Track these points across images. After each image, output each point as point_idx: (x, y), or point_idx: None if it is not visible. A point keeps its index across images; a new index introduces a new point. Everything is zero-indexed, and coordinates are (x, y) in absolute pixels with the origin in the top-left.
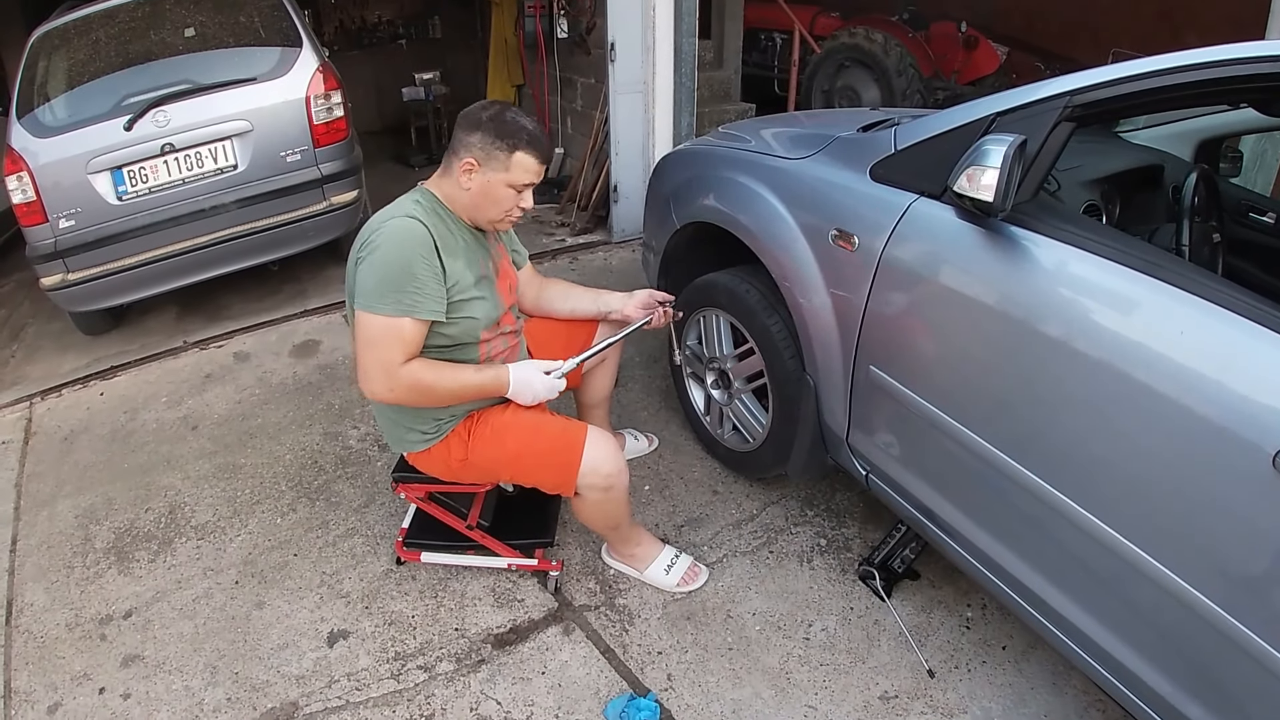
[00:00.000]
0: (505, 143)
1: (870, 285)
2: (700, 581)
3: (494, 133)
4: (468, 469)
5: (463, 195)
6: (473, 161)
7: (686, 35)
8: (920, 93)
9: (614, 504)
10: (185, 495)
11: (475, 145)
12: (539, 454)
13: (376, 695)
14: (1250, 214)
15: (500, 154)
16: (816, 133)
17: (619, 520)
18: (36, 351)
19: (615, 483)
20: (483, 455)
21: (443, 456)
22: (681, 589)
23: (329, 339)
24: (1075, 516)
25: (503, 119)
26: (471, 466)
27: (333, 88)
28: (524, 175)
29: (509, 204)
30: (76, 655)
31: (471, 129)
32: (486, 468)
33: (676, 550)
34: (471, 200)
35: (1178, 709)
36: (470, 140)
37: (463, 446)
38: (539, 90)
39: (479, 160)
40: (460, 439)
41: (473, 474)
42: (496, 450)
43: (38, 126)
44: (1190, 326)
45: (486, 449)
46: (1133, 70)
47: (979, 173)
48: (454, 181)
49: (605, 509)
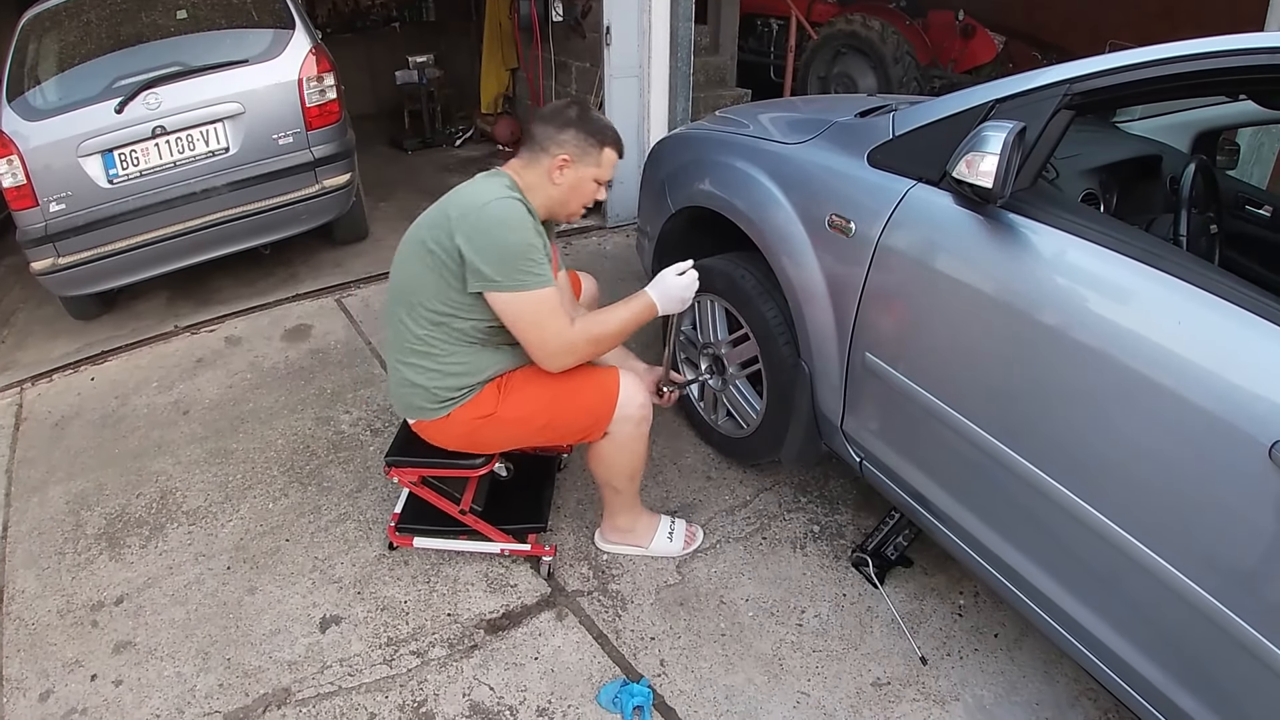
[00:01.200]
0: (595, 139)
1: (866, 271)
2: (699, 540)
3: (585, 130)
4: (490, 426)
5: (551, 189)
6: (567, 158)
7: (683, 19)
8: (917, 80)
9: (642, 442)
10: (176, 481)
11: (569, 142)
12: (574, 395)
13: (369, 681)
14: (1246, 207)
15: (593, 150)
16: (814, 118)
17: (638, 466)
18: (27, 337)
19: (648, 415)
20: (515, 406)
21: (468, 416)
22: (686, 552)
23: (321, 323)
24: (1069, 505)
25: (589, 117)
26: (497, 421)
27: (326, 70)
28: (609, 170)
29: (590, 196)
30: (68, 642)
31: (563, 127)
32: (516, 419)
33: (670, 517)
34: (562, 195)
35: (1169, 698)
36: (563, 138)
37: (493, 400)
38: (533, 74)
39: (573, 156)
40: (490, 395)
41: (493, 432)
42: (530, 398)
43: (28, 110)
44: (1188, 317)
45: (519, 399)
46: (1132, 59)
47: (978, 159)
48: (543, 175)
49: (633, 448)
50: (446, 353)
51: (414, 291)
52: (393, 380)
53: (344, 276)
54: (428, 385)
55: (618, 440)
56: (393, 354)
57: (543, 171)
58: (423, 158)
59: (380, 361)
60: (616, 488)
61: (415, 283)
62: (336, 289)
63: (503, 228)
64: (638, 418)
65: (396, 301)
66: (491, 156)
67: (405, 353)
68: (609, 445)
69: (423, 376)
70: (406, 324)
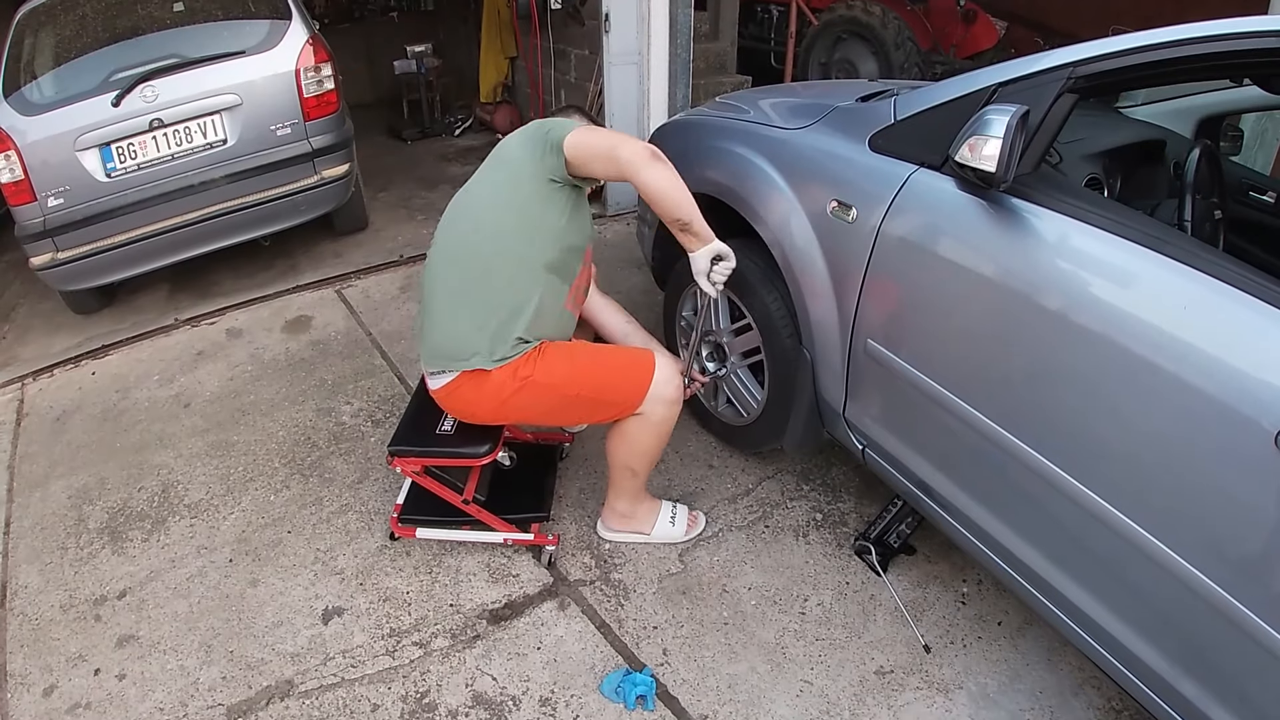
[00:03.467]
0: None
1: (869, 257)
2: (701, 525)
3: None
4: (526, 391)
5: None
6: None
7: (682, 6)
8: (918, 66)
9: (670, 425)
10: (178, 474)
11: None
12: (611, 368)
13: (372, 672)
14: (1250, 192)
15: None
16: (815, 103)
17: (659, 449)
18: (28, 332)
19: (680, 399)
20: (552, 371)
21: (506, 376)
22: (690, 537)
23: (321, 314)
24: (1073, 492)
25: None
26: (532, 386)
27: (323, 60)
28: None
29: None
30: (71, 636)
31: (570, 115)
32: (551, 385)
33: (672, 503)
34: None
35: (1172, 685)
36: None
37: (530, 364)
38: (532, 62)
39: None
40: (530, 359)
41: (527, 398)
42: (567, 366)
43: (24, 104)
44: (1192, 302)
45: (557, 365)
46: (1136, 42)
47: (981, 143)
48: None
49: (661, 430)
50: (513, 291)
51: (493, 224)
52: (441, 331)
53: (344, 267)
54: (487, 330)
55: (649, 419)
56: (449, 303)
57: None
58: (422, 147)
59: (381, 351)
60: (634, 469)
61: (495, 215)
62: (336, 280)
63: (558, 122)
64: (672, 398)
65: (464, 245)
66: (491, 145)
67: (468, 297)
68: (638, 425)
69: (484, 321)
70: (477, 266)
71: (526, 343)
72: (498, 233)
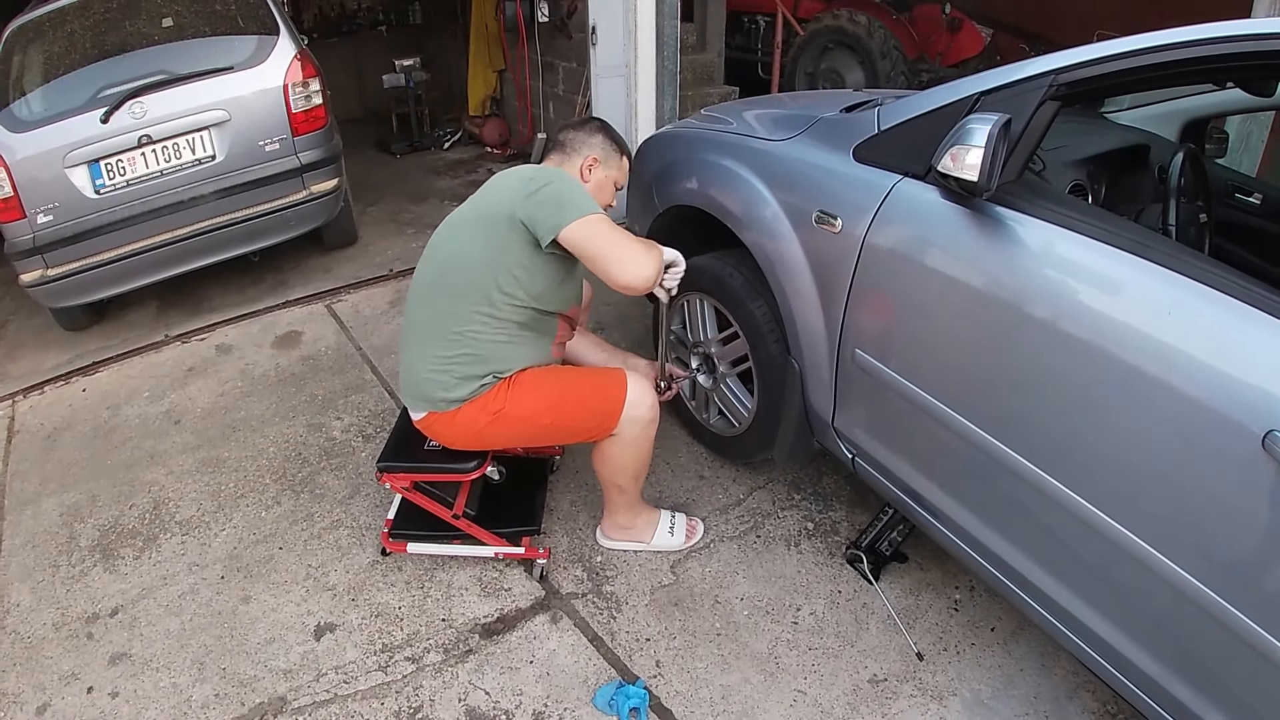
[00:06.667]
0: (617, 147)
1: (854, 267)
2: (700, 533)
3: (610, 137)
4: (499, 423)
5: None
6: (596, 158)
7: (669, 18)
8: (905, 75)
9: (648, 443)
10: (169, 490)
11: (598, 145)
12: (582, 393)
13: (365, 688)
14: (1236, 195)
15: (614, 155)
16: (799, 114)
17: (644, 466)
18: (18, 349)
19: (656, 417)
20: (522, 404)
21: (476, 411)
22: (689, 545)
23: (311, 329)
24: (1062, 499)
25: (612, 130)
26: (505, 419)
27: (311, 75)
28: (625, 177)
29: (609, 199)
30: (64, 655)
31: (593, 133)
32: (523, 416)
33: (670, 512)
34: (590, 191)
35: (1166, 689)
36: (593, 141)
37: (501, 397)
38: (520, 75)
39: (601, 158)
40: (500, 391)
41: (501, 428)
42: (538, 396)
43: (13, 121)
44: (1178, 307)
45: (527, 396)
46: (1117, 49)
47: (963, 152)
48: (574, 173)
49: (640, 448)
50: (482, 340)
51: (466, 272)
52: (412, 370)
53: (333, 282)
54: (453, 374)
55: (625, 440)
56: (418, 344)
57: (574, 169)
58: (411, 161)
59: (371, 366)
60: (621, 486)
61: (468, 264)
62: (326, 295)
63: (562, 179)
64: (647, 419)
65: (435, 290)
66: (480, 159)
67: (437, 340)
68: (616, 445)
69: (450, 365)
70: (447, 309)
71: (498, 376)
72: (471, 284)
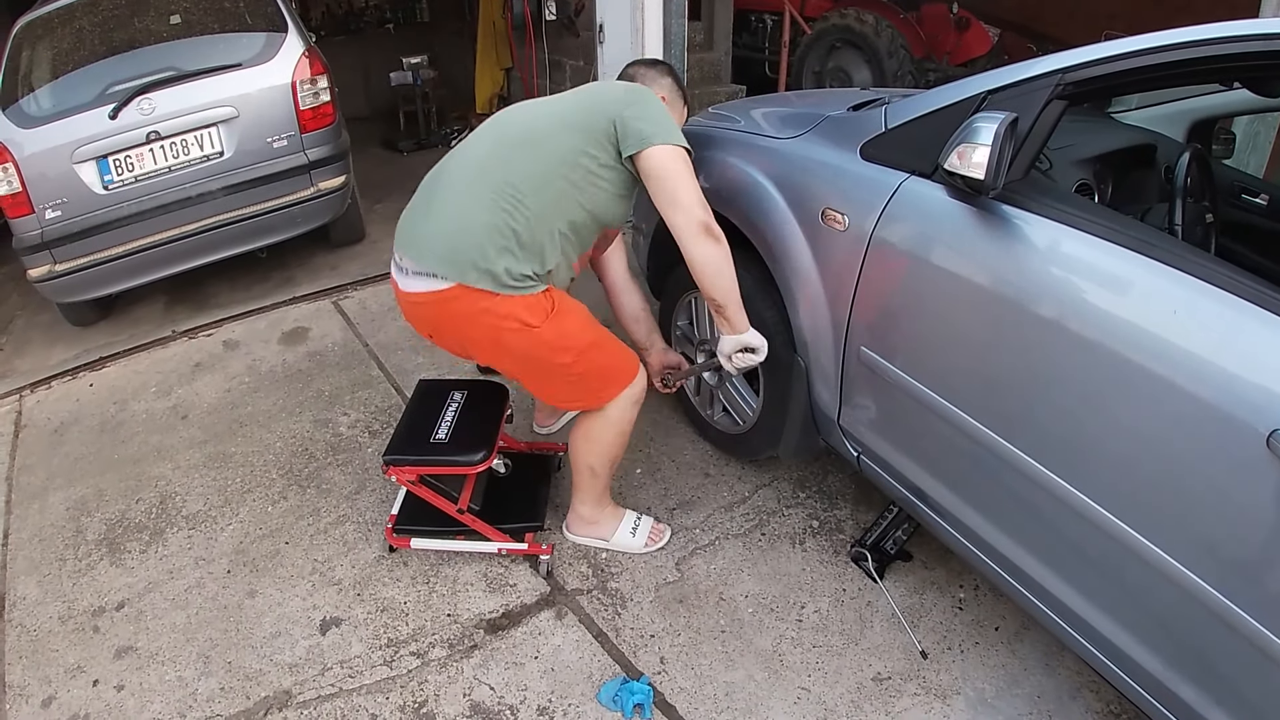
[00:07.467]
0: (682, 92)
1: (861, 265)
2: (665, 539)
3: (678, 83)
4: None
5: None
6: (665, 97)
7: (676, 16)
8: (912, 74)
9: (630, 425)
10: (176, 485)
11: (667, 86)
12: (607, 356)
13: (370, 682)
14: (1243, 195)
15: (679, 100)
16: (806, 112)
17: (619, 450)
18: (25, 344)
19: (642, 399)
20: (561, 332)
21: (513, 310)
22: (649, 548)
23: (318, 325)
24: (1067, 497)
25: (678, 75)
26: (533, 337)
27: (319, 72)
28: (683, 122)
29: None
30: (70, 648)
31: (663, 74)
32: (547, 342)
33: (637, 514)
34: None
35: (1170, 689)
36: (663, 81)
37: (542, 313)
38: (527, 73)
39: (669, 98)
40: (541, 304)
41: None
42: (572, 331)
43: (22, 117)
44: (1183, 306)
45: (569, 328)
46: (1125, 48)
47: (970, 150)
48: None
49: (622, 429)
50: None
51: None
52: (451, 227)
53: (340, 279)
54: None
55: (611, 418)
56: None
57: None
58: (418, 159)
59: (377, 362)
60: (594, 469)
61: (549, 152)
62: (333, 291)
63: (659, 104)
64: (636, 399)
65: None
66: None
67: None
68: (600, 421)
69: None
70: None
71: (536, 282)
72: (545, 172)
